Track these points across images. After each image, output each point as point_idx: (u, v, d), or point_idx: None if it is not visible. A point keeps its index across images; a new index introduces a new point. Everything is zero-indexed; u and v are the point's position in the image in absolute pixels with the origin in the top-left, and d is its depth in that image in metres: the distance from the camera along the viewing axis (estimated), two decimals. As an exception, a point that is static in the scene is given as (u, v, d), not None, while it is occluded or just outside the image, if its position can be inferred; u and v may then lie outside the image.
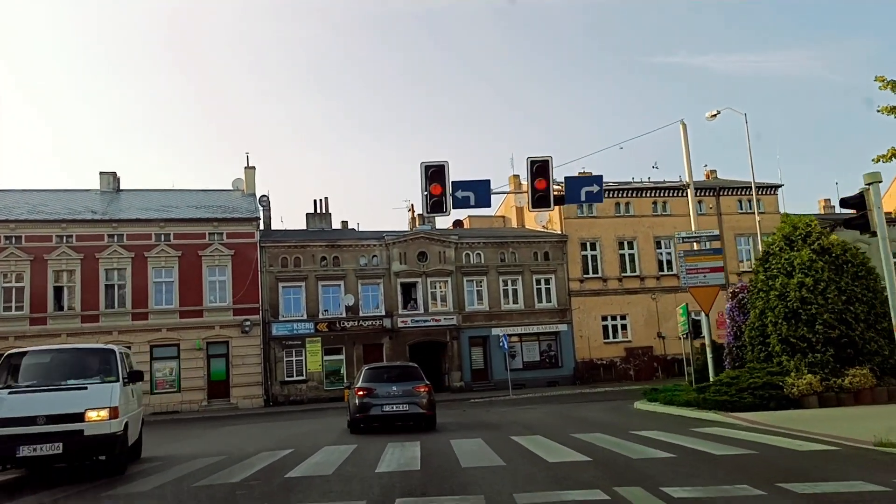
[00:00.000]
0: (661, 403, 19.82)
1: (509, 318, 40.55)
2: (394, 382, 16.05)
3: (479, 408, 26.42)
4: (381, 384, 15.97)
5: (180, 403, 35.12)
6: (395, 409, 15.56)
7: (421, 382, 16.19)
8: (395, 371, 17.31)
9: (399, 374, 16.80)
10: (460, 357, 39.41)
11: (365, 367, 18.28)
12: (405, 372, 17.02)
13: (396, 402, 15.57)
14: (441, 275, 39.81)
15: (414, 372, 16.86)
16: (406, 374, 16.76)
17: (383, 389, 15.75)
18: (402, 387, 15.82)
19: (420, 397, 15.76)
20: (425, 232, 40.13)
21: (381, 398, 15.61)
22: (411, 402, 15.63)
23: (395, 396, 15.64)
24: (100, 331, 34.53)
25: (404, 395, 15.67)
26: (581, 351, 41.26)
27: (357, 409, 15.75)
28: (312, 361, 37.44)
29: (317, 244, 38.51)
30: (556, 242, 41.99)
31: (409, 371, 17.01)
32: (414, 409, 15.63)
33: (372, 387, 15.85)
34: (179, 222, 36.57)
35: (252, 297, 36.88)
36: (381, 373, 16.98)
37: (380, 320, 38.56)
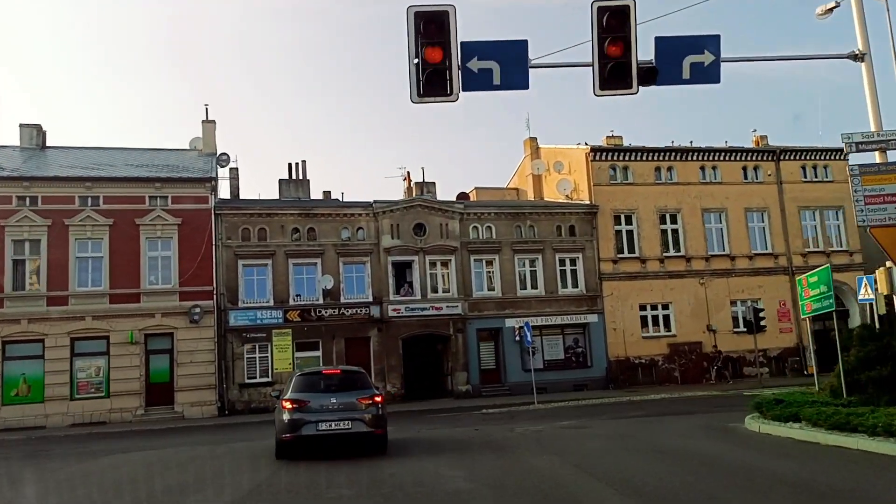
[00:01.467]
0: (808, 425, 12.10)
1: (526, 306, 32.83)
2: (333, 393, 12.80)
3: (496, 422, 18.75)
4: (316, 395, 12.71)
5: (109, 412, 27.45)
6: (334, 426, 12.33)
7: (367, 392, 12.98)
8: (336, 378, 13.69)
9: (340, 383, 13.34)
10: (466, 354, 31.70)
11: (296, 372, 14.44)
12: (348, 379, 13.56)
13: (335, 419, 12.37)
14: (442, 252, 32.09)
15: (359, 379, 13.52)
16: (349, 382, 13.32)
17: (319, 401, 12.53)
18: (344, 398, 12.61)
19: (366, 411, 12.60)
20: (423, 199, 32.41)
21: (316, 413, 12.38)
22: (354, 417, 12.48)
23: (333, 411, 12.44)
24: (3, 319, 26.91)
25: (345, 408, 12.47)
26: (615, 347, 33.53)
27: (285, 428, 12.43)
28: (281, 359, 29.76)
29: (287, 212, 30.82)
30: (583, 214, 34.25)
31: (353, 378, 13.58)
32: (358, 427, 12.46)
33: (304, 398, 12.53)
34: (111, 182, 28.89)
35: (204, 277, 29.21)
36: (318, 380, 13.42)
37: (366, 308, 30.88)
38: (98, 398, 27.66)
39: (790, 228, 36.49)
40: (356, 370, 14.58)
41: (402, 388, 30.75)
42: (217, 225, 29.78)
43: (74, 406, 27.27)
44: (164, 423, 26.75)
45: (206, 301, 29.09)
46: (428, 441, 15.17)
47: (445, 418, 21.41)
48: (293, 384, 13.36)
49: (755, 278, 35.66)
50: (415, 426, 18.61)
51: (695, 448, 11.86)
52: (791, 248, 36.34)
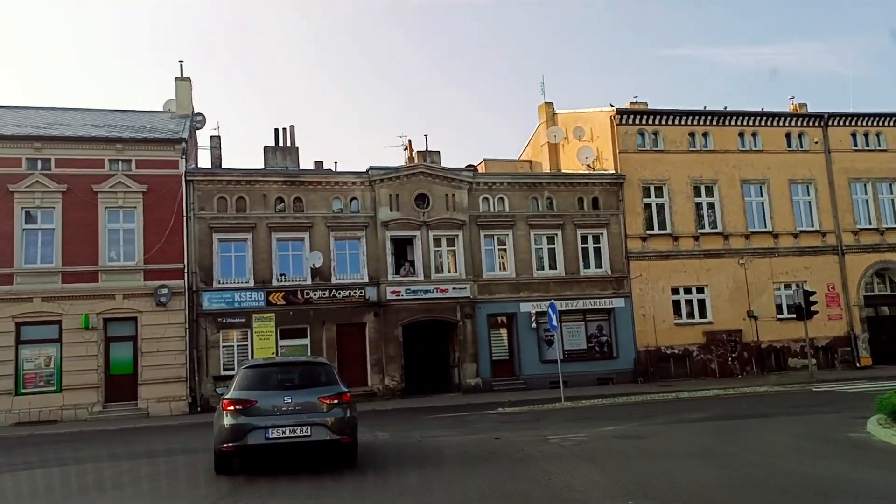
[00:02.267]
0: None
1: (544, 288, 28.84)
2: (289, 390, 10.04)
3: (519, 426, 14.76)
4: (267, 393, 9.98)
5: (61, 409, 23.56)
6: (288, 433, 9.61)
7: (332, 389, 10.10)
8: (293, 371, 10.94)
9: (299, 377, 10.60)
10: (476, 343, 27.73)
11: (243, 366, 11.21)
12: (309, 372, 10.72)
13: (290, 423, 9.65)
14: (449, 227, 28.09)
15: (323, 372, 10.58)
16: (310, 377, 10.51)
17: (270, 401, 9.84)
18: (302, 397, 9.87)
19: (329, 413, 9.78)
20: (427, 166, 28.35)
21: (266, 416, 9.71)
22: (315, 421, 9.69)
23: (289, 413, 9.74)
24: (-66, 300, 23.02)
25: (304, 410, 9.74)
26: (644, 335, 29.54)
27: (226, 436, 9.72)
28: (262, 348, 25.82)
29: (271, 180, 26.79)
30: (608, 185, 30.19)
31: (314, 371, 10.69)
32: (319, 434, 9.70)
33: (251, 398, 9.86)
34: (64, 142, 24.86)
35: (173, 253, 25.26)
36: (269, 374, 10.61)
37: (361, 290, 26.92)
38: (48, 393, 23.75)
39: (839, 203, 32.40)
40: (319, 361, 11.92)
41: (401, 382, 26.82)
42: (189, 193, 25.78)
43: (20, 402, 23.37)
44: (125, 421, 22.87)
45: (175, 281, 25.13)
46: (434, 456, 11.25)
47: (454, 419, 17.51)
48: (238, 380, 10.55)
49: (800, 258, 31.62)
50: (416, 430, 14.75)
51: (869, 482, 7.89)
52: (840, 224, 32.26)
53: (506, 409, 18.78)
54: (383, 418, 19.49)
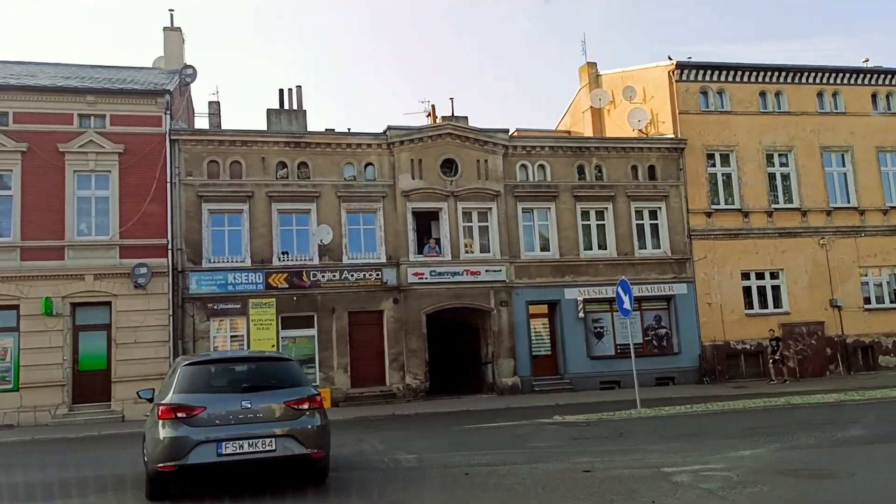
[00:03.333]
0: None
1: (592, 271, 24.50)
2: (246, 393, 7.81)
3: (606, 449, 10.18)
4: (218, 396, 7.79)
5: (19, 411, 19.62)
6: (248, 448, 7.48)
7: (301, 392, 7.89)
8: (248, 369, 8.33)
9: (256, 377, 8.08)
10: (513, 335, 23.43)
11: (183, 362, 8.38)
12: (268, 371, 8.25)
13: (250, 435, 7.53)
14: (481, 198, 23.83)
15: (285, 371, 8.24)
16: (269, 376, 8.04)
17: (223, 407, 7.66)
18: (264, 401, 7.73)
19: (298, 421, 7.68)
20: (455, 125, 24.05)
21: (219, 426, 7.56)
22: (280, 432, 7.57)
23: (247, 422, 7.60)
24: None
25: (266, 418, 7.65)
26: (709, 328, 25.11)
27: (164, 453, 7.47)
28: (261, 339, 21.71)
29: (271, 141, 22.65)
30: (667, 151, 25.77)
31: (275, 369, 8.30)
32: (285, 449, 7.56)
33: (198, 402, 7.64)
34: (24, 93, 20.86)
35: (154, 226, 21.24)
36: (219, 373, 8.18)
37: (378, 272, 22.73)
38: (2, 392, 19.82)
39: (934, 175, 27.71)
40: (280, 357, 9.50)
41: (425, 381, 22.62)
42: (173, 156, 21.72)
43: (-32, 402, 19.46)
44: (94, 426, 18.86)
45: (156, 259, 21.08)
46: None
47: (501, 432, 13.29)
48: (178, 379, 8.11)
49: (891, 238, 27.01)
50: (454, 450, 10.56)
51: None
52: (934, 200, 27.58)
53: (565, 418, 14.49)
54: (406, 427, 15.32)
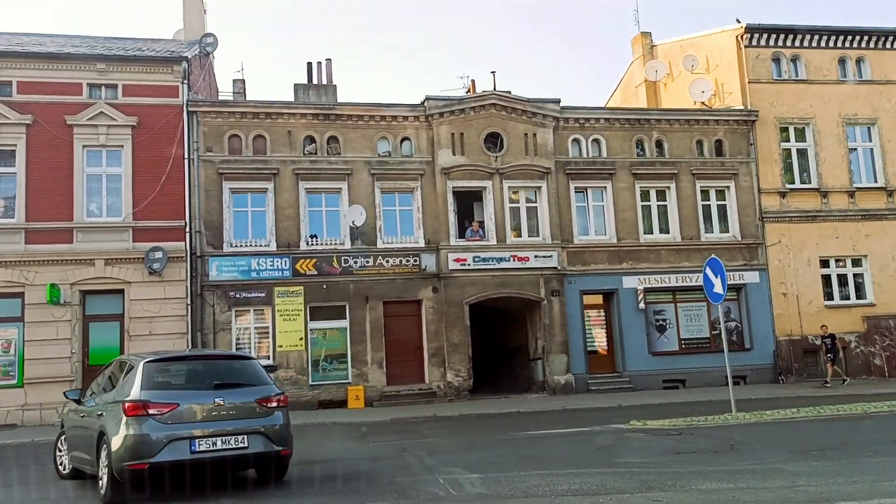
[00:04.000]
0: None
1: (654, 257, 22.02)
2: (217, 390, 7.75)
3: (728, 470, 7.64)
4: (189, 393, 7.75)
5: (23, 409, 17.79)
6: (221, 445, 7.48)
7: (269, 390, 8.03)
8: (215, 367, 8.37)
9: (222, 375, 8.09)
10: (565, 329, 21.03)
11: (144, 359, 8.08)
12: (234, 369, 8.30)
13: (223, 432, 7.50)
14: (529, 176, 21.48)
15: (249, 369, 8.26)
16: (234, 374, 8.13)
17: (196, 404, 7.59)
18: (236, 398, 7.74)
19: (269, 419, 7.79)
20: (500, 95, 21.69)
21: (190, 423, 7.48)
22: (253, 429, 7.63)
23: (220, 419, 7.57)
24: None
25: (239, 415, 7.65)
26: (784, 321, 22.46)
27: (135, 450, 7.28)
28: (287, 331, 19.65)
29: (298, 113, 20.54)
30: (736, 125, 23.13)
31: (239, 367, 8.31)
32: (257, 446, 7.65)
33: (168, 399, 7.52)
34: (28, 60, 19.03)
35: (171, 207, 19.29)
36: (185, 370, 8.20)
37: (415, 257, 20.52)
38: (6, 387, 18.01)
39: None
40: (243, 356, 9.55)
41: (468, 378, 20.36)
42: (192, 129, 19.73)
43: (-32, 399, 17.69)
44: (104, 427, 16.90)
45: (173, 243, 19.13)
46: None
47: (569, 440, 11.00)
48: (141, 376, 7.68)
49: None
50: (525, 468, 8.25)
51: None
52: None
53: (647, 424, 12.10)
54: (454, 433, 13.09)
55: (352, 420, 16.69)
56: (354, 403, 19.28)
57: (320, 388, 19.62)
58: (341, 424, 16.23)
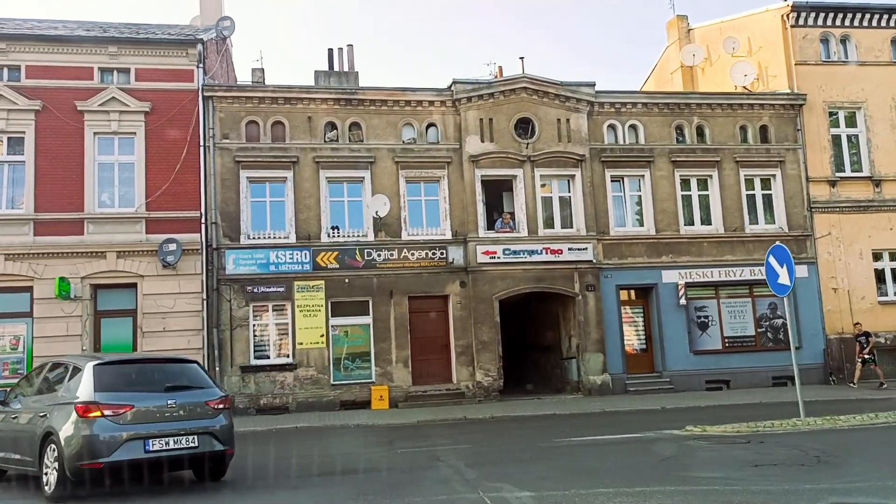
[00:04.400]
0: None
1: (695, 250, 20.71)
2: (169, 392, 8.08)
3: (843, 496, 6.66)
4: (141, 395, 7.97)
5: (31, 409, 16.82)
6: (173, 445, 7.81)
7: (215, 392, 8.42)
8: (165, 369, 8.64)
9: (170, 377, 8.40)
10: (601, 326, 19.80)
11: (91, 361, 8.24)
12: (182, 371, 8.63)
13: (176, 432, 7.85)
14: (562, 164, 20.27)
15: (195, 373, 8.63)
16: (181, 377, 8.48)
17: (149, 404, 7.89)
18: (188, 399, 8.08)
19: (217, 420, 8.18)
20: (531, 78, 20.48)
21: (144, 423, 7.75)
22: (203, 429, 7.99)
23: (172, 419, 7.90)
24: None
25: (190, 415, 7.99)
26: (835, 318, 21.05)
27: (90, 449, 7.50)
28: (307, 328, 18.63)
29: (319, 97, 19.49)
30: (782, 109, 21.75)
31: (184, 370, 8.65)
32: (207, 445, 8.03)
33: (123, 401, 7.75)
34: (38, 43, 18.16)
35: (186, 197, 18.36)
36: (136, 372, 8.42)
37: (442, 250, 19.41)
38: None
39: None
40: (187, 359, 9.30)
41: (498, 378, 19.20)
42: (207, 115, 18.77)
43: (-24, 398, 16.79)
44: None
45: (188, 234, 18.18)
46: None
47: (623, 448, 9.82)
48: (92, 378, 7.85)
49: None
50: (590, 488, 7.07)
51: None
52: None
53: (707, 430, 10.87)
54: (490, 438, 11.97)
55: (376, 422, 15.63)
56: (378, 404, 18.21)
57: (342, 387, 18.57)
58: (365, 427, 15.19)
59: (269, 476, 9.07)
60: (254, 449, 11.66)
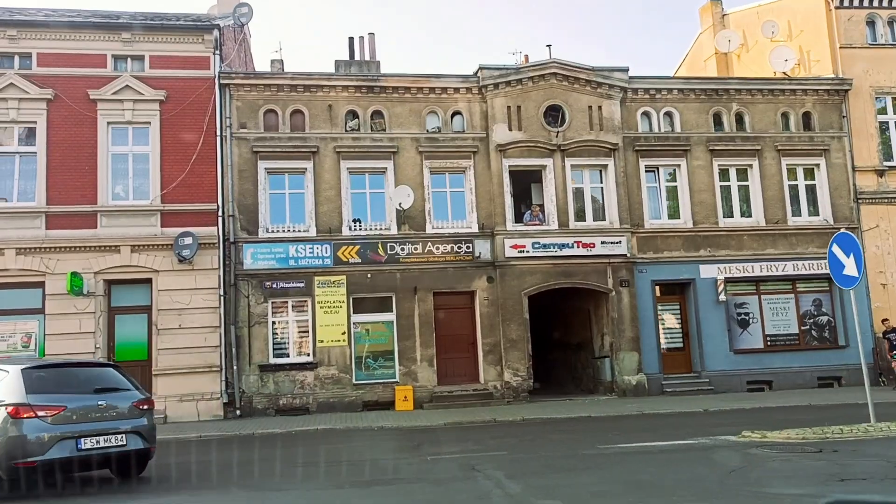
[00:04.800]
0: None
1: (735, 244, 19.66)
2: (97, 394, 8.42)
3: None
4: (73, 396, 8.28)
5: (43, 409, 16.16)
6: (104, 443, 8.17)
7: (140, 395, 8.82)
8: (88, 374, 9.00)
9: (98, 381, 8.73)
10: (636, 323, 18.82)
11: (19, 365, 8.50)
12: (106, 376, 8.96)
13: (105, 431, 8.19)
14: (594, 153, 19.30)
15: (118, 376, 8.97)
16: (107, 380, 8.81)
17: (80, 406, 8.20)
18: (116, 401, 8.47)
19: (142, 420, 8.59)
20: (562, 64, 19.52)
21: (75, 423, 8.06)
22: (130, 429, 8.39)
23: (103, 419, 8.26)
24: None
25: (119, 416, 8.39)
26: (884, 315, 19.84)
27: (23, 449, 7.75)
28: (328, 325, 17.84)
29: (339, 85, 18.68)
30: (826, 95, 20.62)
31: (109, 374, 9.01)
32: (134, 443, 8.44)
33: (55, 402, 8.04)
34: (50, 29, 17.52)
35: (202, 189, 17.64)
36: (62, 375, 8.71)
37: (468, 243, 18.53)
38: (26, 385, 16.47)
39: None
40: (109, 363, 10.44)
41: (528, 378, 18.29)
42: (224, 104, 18.04)
43: (-13, 398, 16.18)
44: (129, 430, 15.29)
45: (204, 228, 17.46)
46: None
47: (679, 456, 8.88)
48: (22, 381, 8.11)
49: None
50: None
51: None
52: None
53: (766, 437, 9.89)
54: (526, 444, 11.08)
55: (401, 424, 14.79)
56: (402, 405, 17.38)
57: (365, 387, 17.77)
58: (390, 430, 14.35)
59: (297, 479, 8.26)
60: (281, 453, 10.91)
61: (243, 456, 11.28)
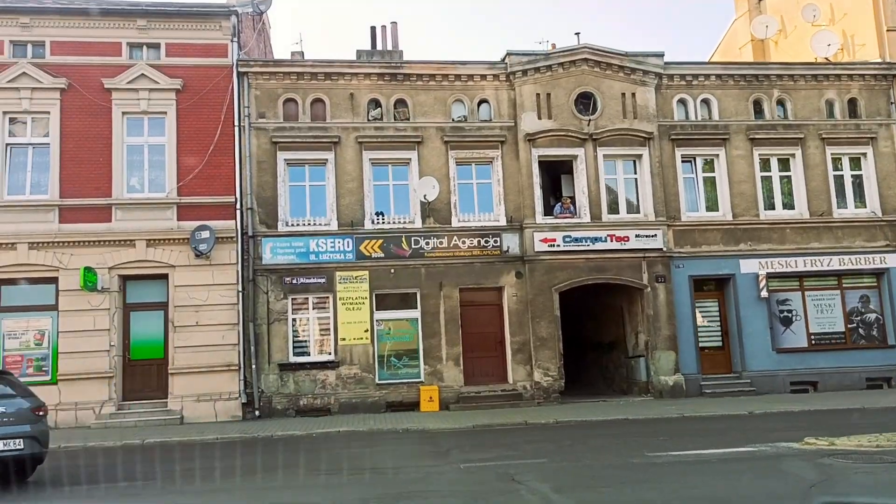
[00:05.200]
0: None
1: (777, 237, 18.66)
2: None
3: None
4: None
5: (56, 408, 15.58)
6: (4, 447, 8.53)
7: (37, 401, 9.18)
8: None
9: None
10: (673, 321, 17.88)
11: None
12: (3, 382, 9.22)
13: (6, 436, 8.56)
14: (628, 142, 18.39)
15: (15, 383, 9.40)
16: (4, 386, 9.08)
17: None
18: (12, 407, 8.77)
19: (38, 425, 8.96)
20: (594, 49, 18.61)
21: None
22: (28, 433, 8.69)
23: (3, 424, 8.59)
24: None
25: (17, 422, 8.67)
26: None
27: None
28: (351, 322, 17.10)
29: (361, 73, 17.93)
30: (873, 80, 19.54)
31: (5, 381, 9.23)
32: (31, 447, 8.75)
33: None
34: (63, 17, 16.92)
35: (220, 181, 16.99)
36: None
37: (496, 237, 17.70)
38: (39, 384, 15.80)
39: None
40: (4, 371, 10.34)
41: (559, 378, 17.44)
42: (242, 93, 17.37)
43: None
44: (144, 430, 14.74)
45: (222, 221, 16.81)
46: None
47: (741, 467, 8.04)
48: None
49: None
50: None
51: None
52: None
53: (835, 444, 9.00)
54: (563, 451, 10.26)
55: (427, 426, 14.03)
56: (428, 406, 16.62)
57: (388, 387, 17.02)
58: (415, 432, 13.60)
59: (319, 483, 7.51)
60: (304, 458, 10.21)
61: (265, 461, 10.59)
